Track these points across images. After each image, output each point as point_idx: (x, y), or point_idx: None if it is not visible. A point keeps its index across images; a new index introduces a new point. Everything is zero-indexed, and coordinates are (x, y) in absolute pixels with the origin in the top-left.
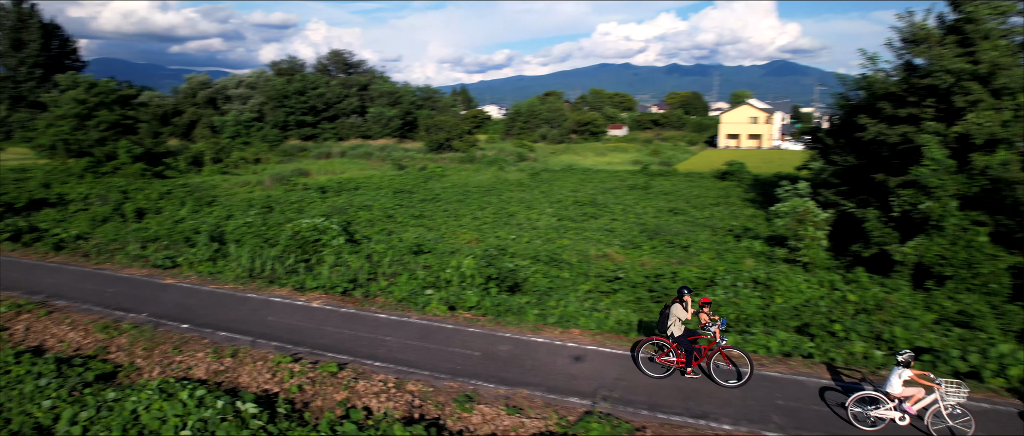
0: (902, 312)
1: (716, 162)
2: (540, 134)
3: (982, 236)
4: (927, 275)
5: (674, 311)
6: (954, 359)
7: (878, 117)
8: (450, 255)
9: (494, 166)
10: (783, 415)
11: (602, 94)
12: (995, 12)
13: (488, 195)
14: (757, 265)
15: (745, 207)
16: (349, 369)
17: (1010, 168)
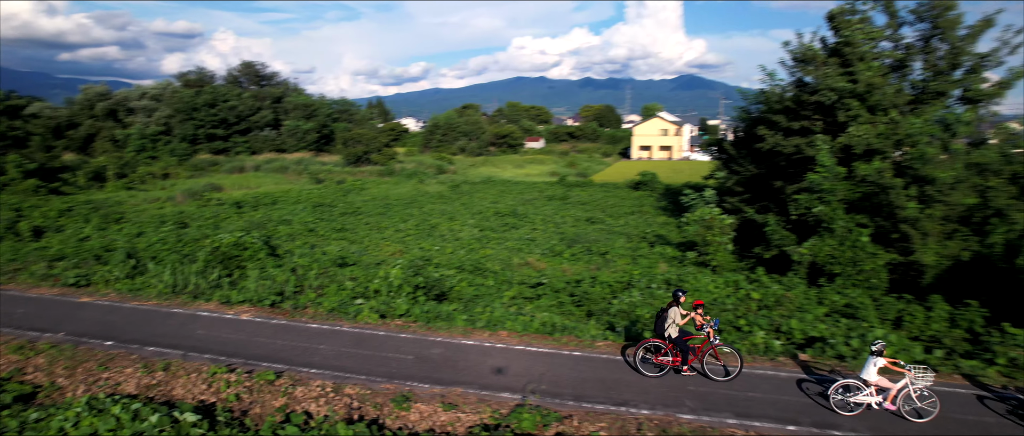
0: (799, 307)
1: (630, 173)
2: (459, 147)
3: (865, 237)
4: (819, 273)
5: (671, 314)
6: (839, 344)
7: (775, 129)
8: (376, 267)
9: (414, 179)
10: (694, 399)
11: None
12: (867, 37)
13: (409, 208)
14: (670, 269)
15: (658, 215)
16: (286, 377)
17: (884, 175)
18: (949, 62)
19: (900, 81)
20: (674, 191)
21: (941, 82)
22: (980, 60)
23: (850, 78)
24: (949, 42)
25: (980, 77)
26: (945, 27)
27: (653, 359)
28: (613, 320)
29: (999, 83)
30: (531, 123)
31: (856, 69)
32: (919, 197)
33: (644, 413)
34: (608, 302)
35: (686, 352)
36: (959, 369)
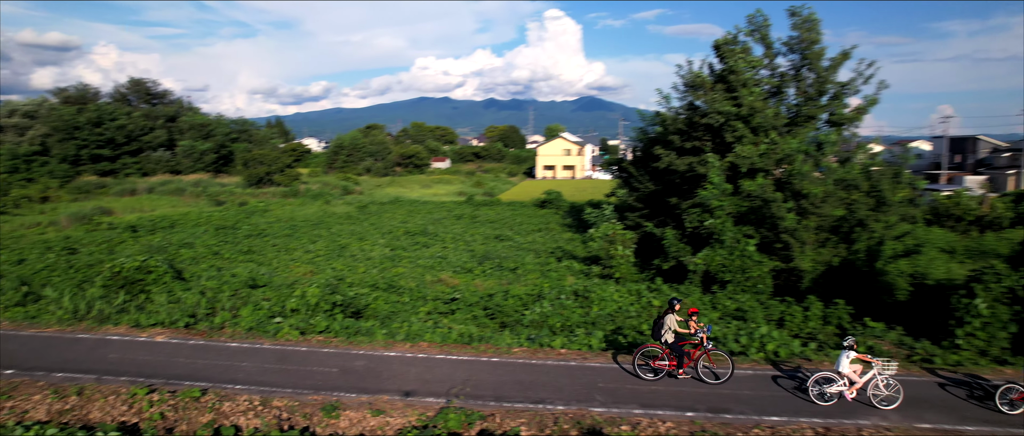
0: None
1: (535, 192)
2: (364, 167)
3: (751, 246)
4: (712, 280)
5: (667, 321)
6: (730, 342)
7: (670, 149)
8: (288, 287)
9: (320, 200)
10: (604, 394)
11: (424, 127)
12: (749, 65)
13: (317, 229)
14: (577, 281)
15: (564, 232)
16: (212, 393)
17: (766, 190)
18: (817, 89)
19: (777, 105)
20: (578, 208)
21: (811, 107)
22: (841, 88)
23: (735, 102)
24: (816, 72)
25: (842, 103)
26: (812, 58)
27: (652, 363)
28: (527, 330)
29: (858, 108)
30: (437, 143)
31: (740, 94)
32: (796, 210)
33: (560, 408)
34: (521, 314)
35: (681, 356)
36: (829, 357)
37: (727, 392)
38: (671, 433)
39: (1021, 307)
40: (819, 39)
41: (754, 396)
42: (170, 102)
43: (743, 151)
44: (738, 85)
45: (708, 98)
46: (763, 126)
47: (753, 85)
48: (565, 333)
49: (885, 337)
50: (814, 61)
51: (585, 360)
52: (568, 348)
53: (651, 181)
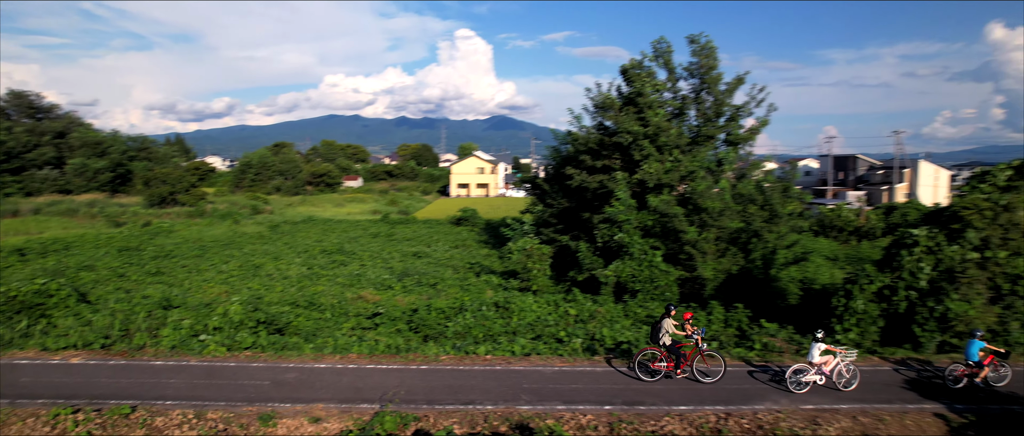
0: (609, 319)
1: (450, 209)
2: (274, 186)
3: (658, 258)
4: (624, 290)
5: (664, 325)
6: (643, 343)
7: (582, 167)
8: (206, 307)
9: (228, 220)
10: (529, 393)
11: (335, 146)
12: (654, 88)
13: (228, 249)
14: (496, 294)
15: (481, 248)
16: (142, 410)
17: (670, 205)
18: (715, 111)
19: (680, 126)
20: (494, 225)
21: (710, 127)
22: (737, 110)
23: (642, 123)
24: (714, 95)
25: (738, 124)
26: (710, 83)
27: (651, 365)
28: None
29: (751, 129)
30: (348, 162)
31: (646, 115)
32: (698, 223)
33: (489, 408)
34: (444, 326)
35: (679, 357)
36: (730, 355)
37: (642, 386)
38: (591, 424)
39: (888, 304)
40: (716, 65)
41: (664, 389)
42: (57, 117)
43: (650, 169)
44: (645, 107)
45: (617, 119)
46: (667, 145)
47: (658, 107)
48: (489, 342)
49: (778, 335)
50: (712, 85)
51: (509, 364)
52: (493, 354)
53: (564, 198)
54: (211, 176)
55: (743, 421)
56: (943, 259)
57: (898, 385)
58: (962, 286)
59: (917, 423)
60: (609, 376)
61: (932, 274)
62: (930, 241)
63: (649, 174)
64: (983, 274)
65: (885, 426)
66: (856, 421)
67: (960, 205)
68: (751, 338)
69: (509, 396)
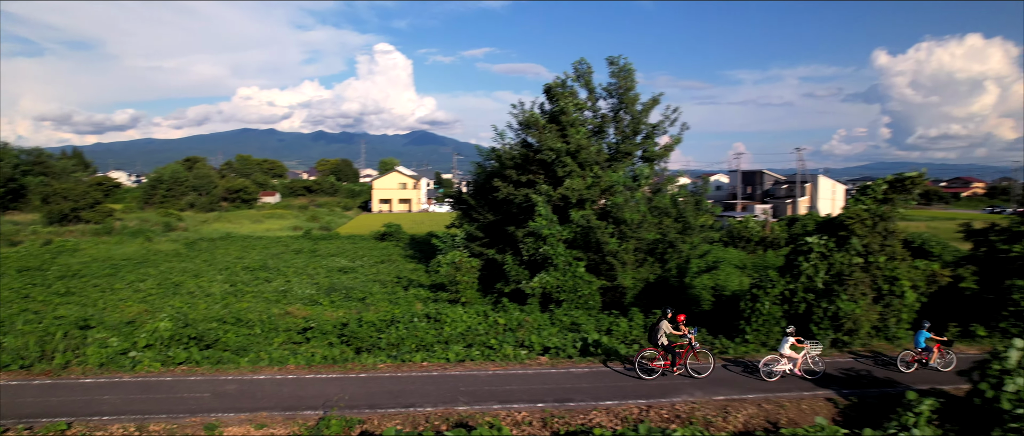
0: (536, 327)
1: (373, 225)
2: (187, 202)
3: (581, 268)
4: (549, 300)
5: (661, 327)
6: (569, 348)
7: (508, 182)
8: (128, 325)
9: (140, 237)
10: (466, 395)
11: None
12: (576, 107)
13: (143, 267)
14: (425, 307)
15: (407, 262)
16: (79, 426)
17: (592, 219)
18: (632, 129)
19: (600, 143)
20: (418, 240)
21: (628, 145)
22: (653, 128)
23: (565, 140)
24: (631, 114)
25: (654, 141)
26: (628, 103)
27: (650, 364)
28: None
29: (666, 146)
30: (265, 177)
31: (569, 133)
32: (618, 235)
33: (429, 409)
34: (376, 337)
35: (675, 356)
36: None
37: (570, 385)
38: (526, 420)
39: (789, 306)
40: (634, 86)
41: (591, 387)
42: None
43: (572, 184)
44: (567, 125)
45: (541, 136)
46: (588, 162)
47: (580, 125)
48: (423, 351)
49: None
50: (630, 105)
51: (445, 370)
52: (429, 361)
53: (490, 212)
54: (117, 192)
55: (663, 411)
56: (834, 264)
57: (797, 376)
58: (850, 288)
59: (811, 407)
60: (540, 377)
61: (826, 278)
62: (823, 248)
63: (572, 189)
64: (867, 277)
65: (785, 411)
66: (760, 408)
67: (845, 216)
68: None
69: (447, 398)
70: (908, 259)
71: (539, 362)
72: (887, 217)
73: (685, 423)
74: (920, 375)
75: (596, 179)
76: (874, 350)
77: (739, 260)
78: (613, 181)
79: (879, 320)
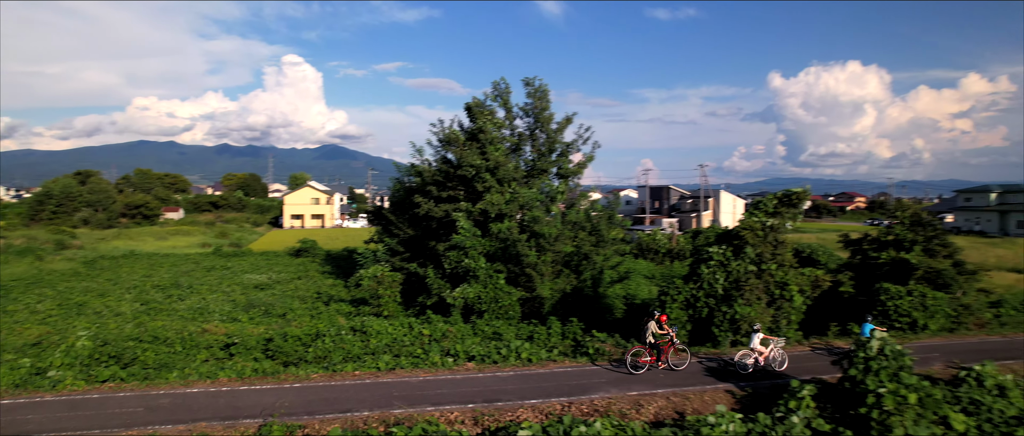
0: (460, 337)
1: (287, 241)
2: (81, 218)
3: (501, 280)
4: (471, 311)
5: (649, 327)
6: (494, 355)
7: (428, 197)
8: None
9: (29, 256)
10: (400, 400)
11: (151, 174)
12: (495, 126)
13: (37, 287)
14: (350, 320)
15: (325, 278)
16: None
17: (512, 232)
18: (547, 147)
19: (517, 160)
20: (335, 256)
21: (544, 162)
22: (566, 147)
23: (484, 157)
24: (546, 133)
25: (568, 159)
26: (543, 122)
27: (639, 360)
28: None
29: (579, 163)
30: (167, 192)
31: (487, 150)
32: (536, 248)
33: (365, 414)
34: (303, 351)
35: (659, 352)
36: (570, 359)
37: (497, 387)
38: (458, 419)
39: (693, 310)
40: (548, 106)
41: (516, 388)
42: None
43: (492, 199)
44: (486, 142)
45: (461, 153)
46: (507, 178)
47: (498, 142)
48: (352, 361)
49: (608, 342)
50: (545, 124)
51: (378, 378)
52: (361, 370)
53: (411, 227)
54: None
55: (583, 406)
56: (731, 272)
57: (701, 372)
58: (746, 293)
59: (713, 398)
60: (469, 381)
61: (725, 284)
62: (722, 257)
63: (491, 204)
64: (760, 283)
65: (690, 402)
66: (669, 401)
67: (740, 228)
68: (586, 346)
69: (382, 403)
70: (796, 266)
71: (467, 368)
72: (777, 229)
73: (603, 416)
74: (814, 366)
75: (514, 195)
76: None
77: (648, 271)
78: (530, 197)
79: (772, 322)
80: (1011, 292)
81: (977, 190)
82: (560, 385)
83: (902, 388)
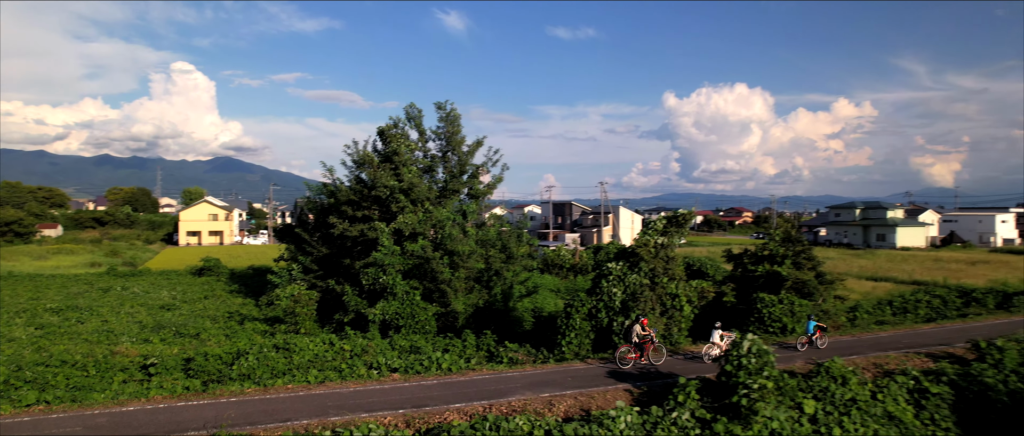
0: (380, 351)
1: (186, 259)
2: None
3: (418, 296)
4: (389, 326)
5: (635, 329)
6: (417, 366)
7: (343, 217)
8: None
9: None
10: (335, 410)
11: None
12: (408, 149)
13: None
14: (270, 339)
15: (233, 297)
16: None
17: (426, 250)
18: (459, 168)
19: (430, 181)
20: (240, 274)
21: (455, 183)
22: (477, 168)
23: (398, 178)
24: (458, 155)
25: (478, 180)
26: (454, 145)
27: (625, 356)
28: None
29: (489, 184)
30: (41, 206)
31: (402, 172)
32: (450, 265)
33: (305, 422)
34: (227, 369)
35: (642, 349)
36: (487, 366)
37: (423, 394)
38: (392, 423)
39: (595, 321)
40: (460, 130)
41: (440, 394)
42: None
43: (406, 219)
44: (400, 164)
45: (376, 174)
46: (420, 198)
47: (411, 164)
48: (282, 376)
49: (520, 351)
50: (456, 147)
51: (310, 390)
52: (293, 384)
53: (324, 245)
54: None
55: (502, 407)
56: (628, 285)
57: (604, 375)
58: (642, 304)
59: (614, 396)
60: (396, 390)
61: (623, 297)
62: (620, 272)
63: (406, 223)
64: (654, 295)
65: (594, 400)
66: (577, 399)
67: (636, 245)
68: (501, 356)
69: (319, 413)
70: (685, 279)
71: (393, 379)
72: (667, 246)
73: (520, 414)
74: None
75: (427, 214)
76: (688, 350)
77: (554, 285)
78: (444, 217)
79: (665, 329)
80: (867, 298)
81: (845, 207)
82: (480, 390)
83: (765, 380)
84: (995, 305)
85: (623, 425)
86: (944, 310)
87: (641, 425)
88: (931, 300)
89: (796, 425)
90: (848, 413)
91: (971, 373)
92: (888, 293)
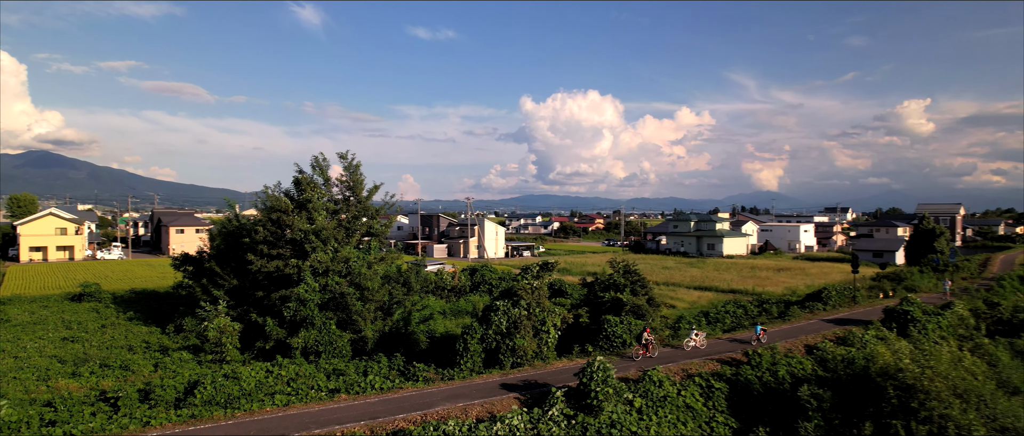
0: (309, 375)
1: (45, 281)
2: None
3: (333, 325)
4: (310, 352)
5: (645, 334)
6: (355, 388)
7: (260, 256)
8: None
9: None
10: (301, 427)
11: None
12: (319, 196)
13: None
14: (217, 370)
15: (134, 325)
16: None
17: (341, 285)
18: (361, 211)
19: (335, 222)
20: (125, 299)
21: (358, 224)
22: (376, 210)
23: (310, 221)
24: (359, 199)
25: (379, 221)
26: (356, 190)
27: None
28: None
29: (386, 224)
30: None
31: (314, 216)
32: (360, 298)
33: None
34: (190, 397)
35: (647, 348)
36: (395, 385)
37: (372, 410)
38: (360, 431)
39: (485, 343)
40: (362, 178)
41: (387, 409)
42: None
43: (319, 257)
44: (312, 209)
45: (290, 219)
46: (329, 238)
47: (322, 208)
48: (237, 400)
49: (429, 371)
50: (358, 191)
51: (276, 413)
52: (258, 407)
53: (236, 278)
54: None
55: (433, 415)
56: (511, 316)
57: (498, 387)
58: (521, 330)
59: (510, 402)
60: (349, 408)
61: (507, 325)
62: (505, 307)
63: (319, 262)
64: (530, 323)
65: (496, 407)
66: (483, 406)
67: (517, 287)
68: (415, 375)
69: (293, 429)
70: (553, 307)
71: (342, 398)
72: (539, 287)
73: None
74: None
75: (336, 252)
76: (555, 365)
77: (440, 307)
78: (349, 255)
79: (537, 348)
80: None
81: (681, 218)
82: (413, 403)
83: (607, 387)
84: (778, 314)
85: (518, 422)
86: (743, 319)
87: (529, 422)
88: (735, 310)
89: (628, 416)
90: (663, 405)
91: (739, 373)
92: (710, 302)
